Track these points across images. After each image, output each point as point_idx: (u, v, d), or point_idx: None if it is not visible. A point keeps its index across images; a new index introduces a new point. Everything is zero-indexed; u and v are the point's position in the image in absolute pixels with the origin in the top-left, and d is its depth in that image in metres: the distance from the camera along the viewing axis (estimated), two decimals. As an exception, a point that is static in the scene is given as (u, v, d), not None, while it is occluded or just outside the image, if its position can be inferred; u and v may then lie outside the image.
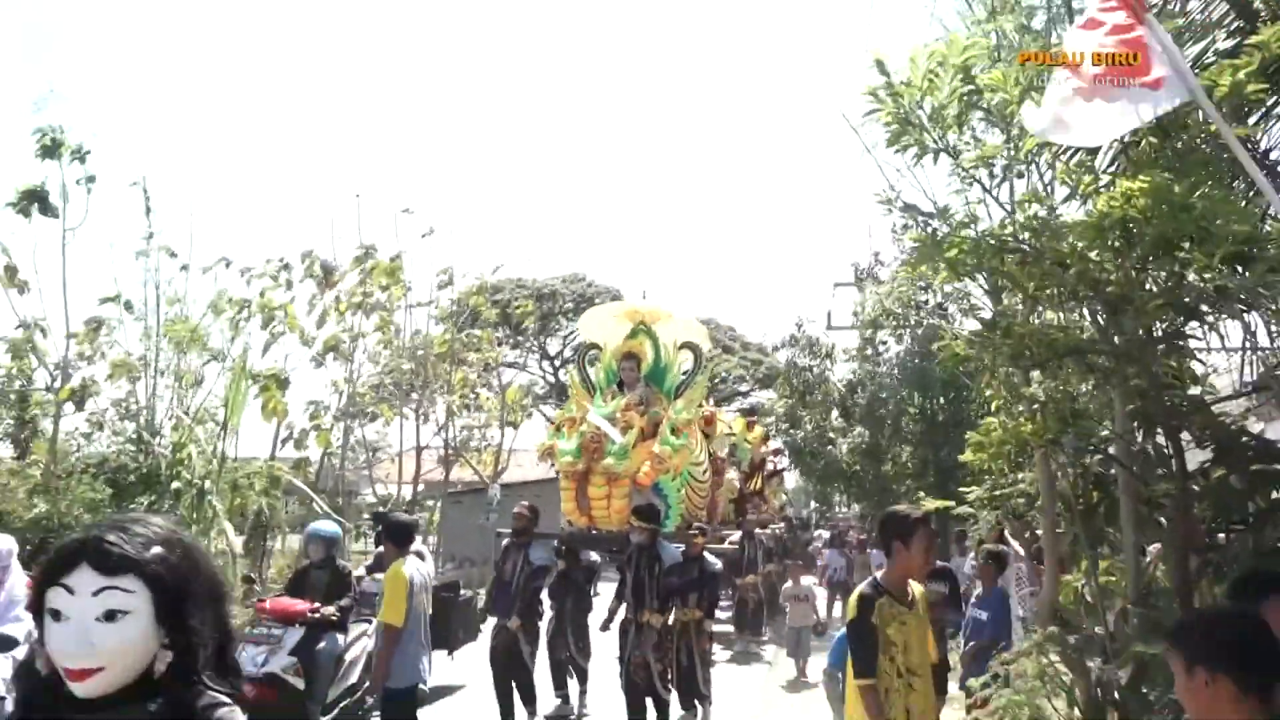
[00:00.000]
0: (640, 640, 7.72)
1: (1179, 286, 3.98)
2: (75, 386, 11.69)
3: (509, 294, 29.71)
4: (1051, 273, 4.28)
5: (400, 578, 5.94)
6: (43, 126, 10.71)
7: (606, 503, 8.39)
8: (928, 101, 4.43)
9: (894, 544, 3.98)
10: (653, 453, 8.48)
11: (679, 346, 9.75)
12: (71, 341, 11.60)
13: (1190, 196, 3.47)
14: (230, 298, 14.18)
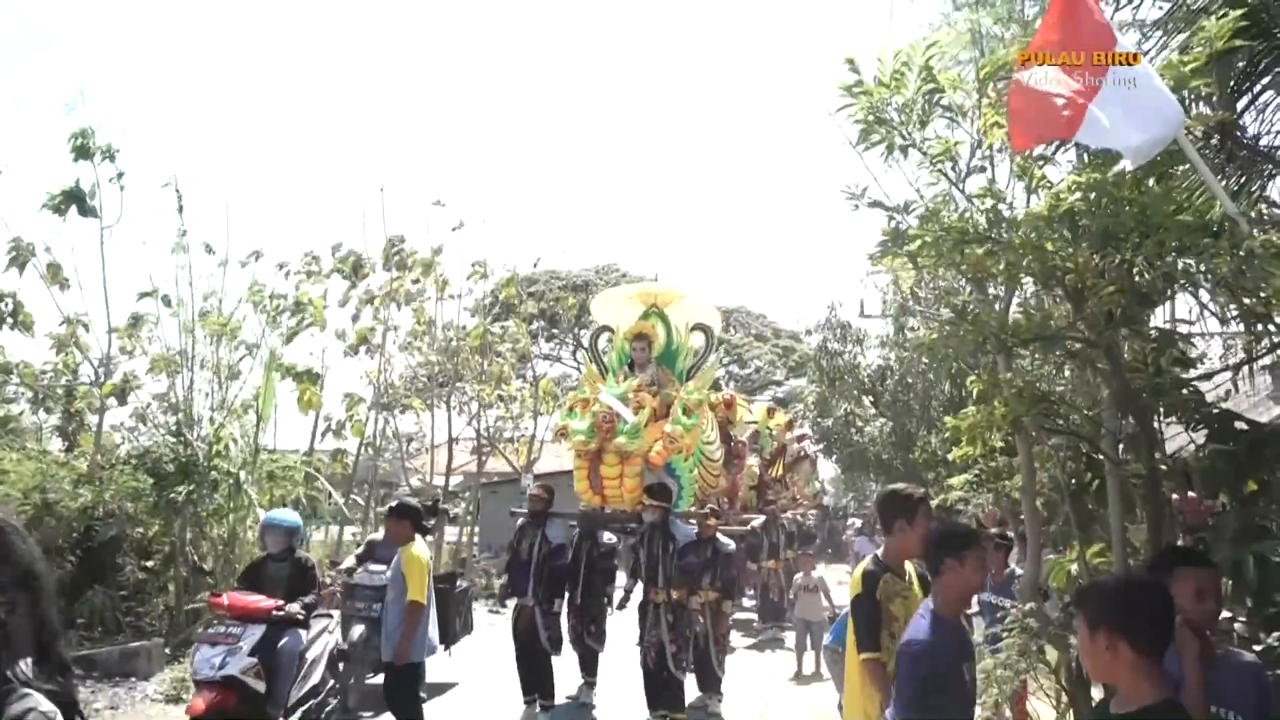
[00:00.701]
0: (655, 621, 7.89)
1: (1129, 274, 4.19)
2: (117, 381, 12.28)
3: (544, 285, 30.13)
4: (1015, 262, 4.50)
5: (420, 558, 6.37)
6: (76, 130, 11.25)
7: (619, 482, 8.49)
8: (895, 99, 4.69)
9: (896, 522, 4.13)
10: (665, 432, 8.60)
11: (690, 328, 9.82)
12: (113, 336, 12.17)
13: (1130, 191, 3.69)
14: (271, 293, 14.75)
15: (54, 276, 11.58)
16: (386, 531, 8.53)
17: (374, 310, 16.94)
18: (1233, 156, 5.25)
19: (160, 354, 12.48)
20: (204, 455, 10.98)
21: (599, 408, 8.48)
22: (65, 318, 11.97)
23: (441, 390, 18.60)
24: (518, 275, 20.06)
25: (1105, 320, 4.45)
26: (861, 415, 20.81)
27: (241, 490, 11.01)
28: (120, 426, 13.38)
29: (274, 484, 12.77)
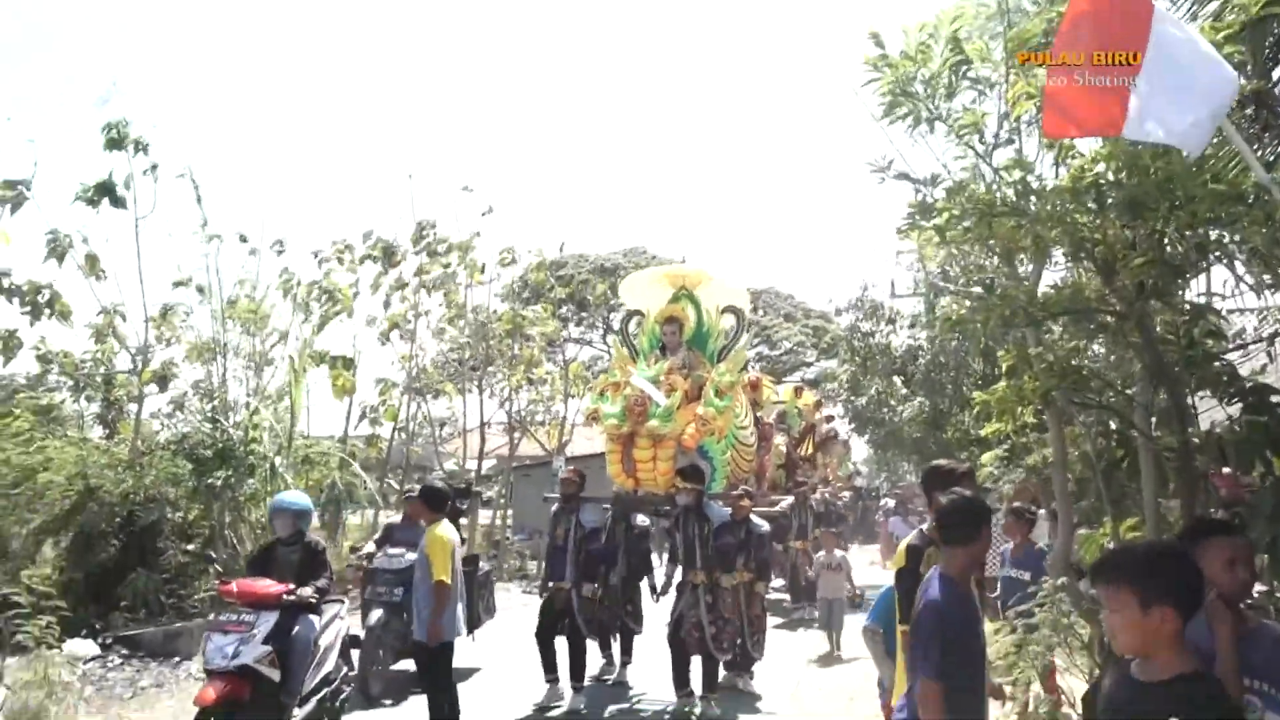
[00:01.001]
0: (694, 601, 7.94)
1: (1160, 245, 4.16)
2: (156, 369, 12.53)
3: (572, 269, 30.19)
4: (1044, 235, 4.48)
5: (444, 539, 6.47)
6: (109, 122, 11.44)
7: (652, 465, 8.43)
8: (921, 72, 4.67)
9: (936, 496, 4.21)
10: (697, 415, 8.56)
11: (721, 310, 9.75)
12: (149, 325, 12.39)
13: (1154, 161, 3.66)
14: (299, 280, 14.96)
15: (91, 267, 11.80)
16: (404, 515, 8.57)
17: (403, 296, 17.10)
18: (1268, 126, 5.17)
19: (195, 342, 12.72)
20: (240, 441, 11.17)
21: (631, 391, 8.45)
22: (103, 308, 12.21)
23: (473, 374, 18.76)
24: (546, 260, 20.15)
25: (1136, 292, 4.42)
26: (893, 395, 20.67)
27: (277, 475, 11.20)
28: (158, 414, 13.68)
29: (310, 468, 12.99)
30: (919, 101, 4.76)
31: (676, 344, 9.45)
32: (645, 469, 8.53)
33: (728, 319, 9.81)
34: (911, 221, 4.65)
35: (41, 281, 11.40)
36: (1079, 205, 4.08)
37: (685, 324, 9.56)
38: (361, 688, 7.93)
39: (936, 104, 4.78)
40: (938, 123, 4.84)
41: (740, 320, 9.88)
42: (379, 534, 9.09)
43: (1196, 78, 3.55)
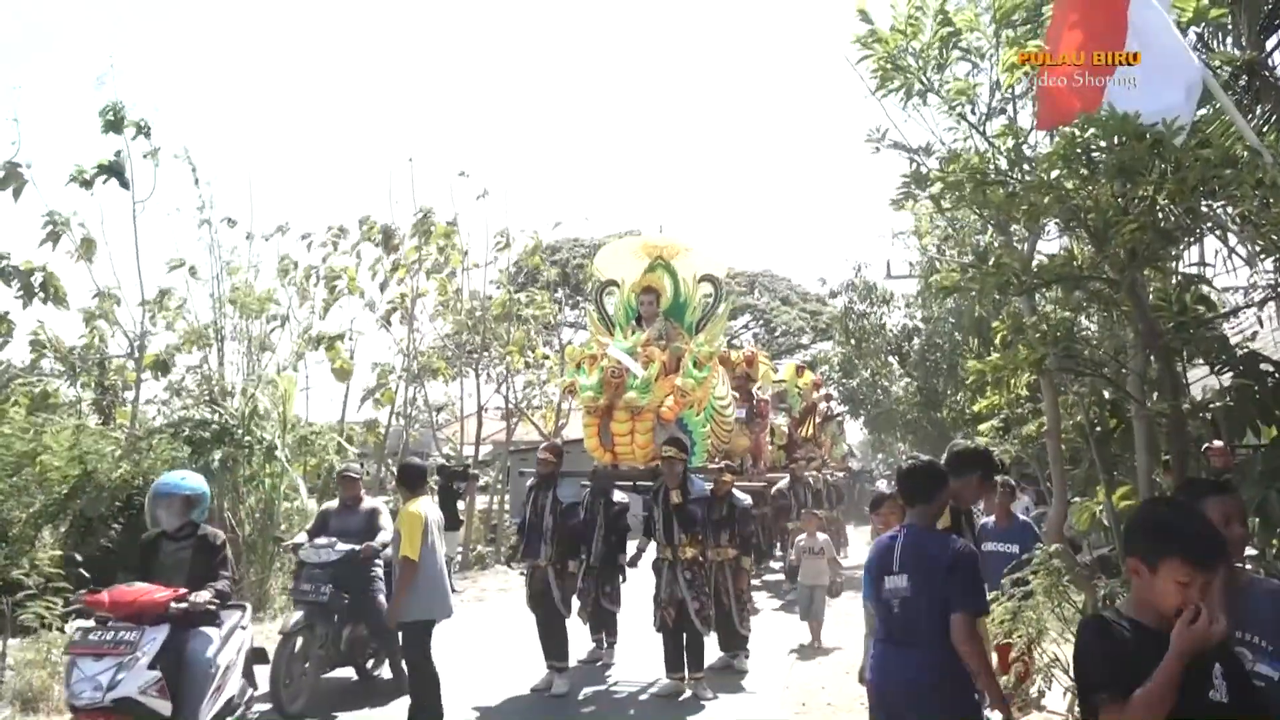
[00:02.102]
0: (672, 578, 7.74)
1: (1151, 211, 4.20)
2: (158, 354, 12.55)
3: (567, 253, 30.18)
4: (1037, 203, 4.52)
5: (415, 515, 6.33)
6: (107, 104, 11.43)
7: (630, 438, 8.23)
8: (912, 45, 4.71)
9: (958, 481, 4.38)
10: (675, 386, 8.35)
11: (698, 279, 9.51)
12: (145, 310, 12.40)
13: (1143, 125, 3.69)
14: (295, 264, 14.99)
15: (87, 250, 11.79)
16: (341, 499, 7.80)
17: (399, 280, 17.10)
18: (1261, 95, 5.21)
19: (193, 327, 12.73)
20: (238, 422, 11.21)
21: (607, 363, 8.27)
22: (98, 290, 12.20)
23: (470, 358, 18.79)
24: (541, 243, 20.13)
25: (1128, 259, 4.46)
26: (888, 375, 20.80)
27: (275, 456, 11.24)
28: (154, 399, 13.70)
29: (307, 451, 13.01)
30: (911, 74, 4.80)
31: (653, 315, 9.22)
32: (623, 442, 8.36)
33: (705, 288, 9.58)
34: (906, 191, 4.69)
35: (36, 264, 11.37)
36: (1070, 171, 4.12)
37: (662, 294, 9.32)
38: (276, 706, 6.76)
39: (928, 76, 4.82)
40: (930, 94, 4.89)
41: (718, 289, 9.64)
42: (312, 522, 8.06)
43: (1174, 57, 3.66)
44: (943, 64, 4.65)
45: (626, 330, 8.95)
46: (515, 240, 19.11)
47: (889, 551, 3.90)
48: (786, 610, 12.21)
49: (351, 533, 7.53)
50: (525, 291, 19.87)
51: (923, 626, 3.73)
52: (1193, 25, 4.14)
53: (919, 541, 3.86)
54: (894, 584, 3.80)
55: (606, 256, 10.45)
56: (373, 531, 7.55)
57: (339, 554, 7.34)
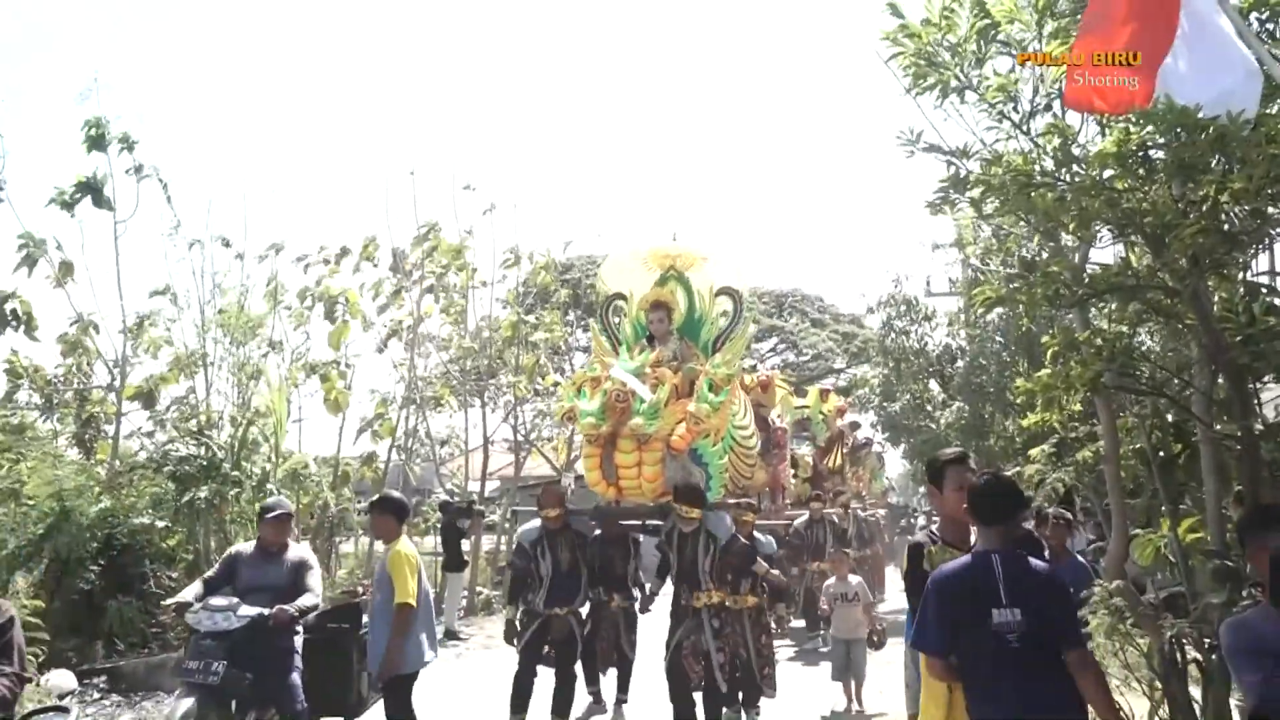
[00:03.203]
0: (696, 625, 7.54)
1: (1214, 213, 4.16)
2: (141, 384, 12.64)
3: (579, 271, 30.27)
4: (1088, 207, 4.49)
5: (409, 555, 6.15)
6: (90, 118, 11.59)
7: (636, 471, 7.77)
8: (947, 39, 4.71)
9: (930, 489, 4.34)
10: (688, 412, 7.88)
11: (715, 293, 9.08)
12: (127, 336, 12.49)
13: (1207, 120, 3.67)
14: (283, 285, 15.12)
15: (64, 275, 11.92)
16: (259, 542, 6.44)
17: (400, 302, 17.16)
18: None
19: (179, 354, 12.83)
20: (226, 455, 11.26)
21: (611, 385, 7.83)
22: (77, 317, 12.31)
23: (476, 385, 18.79)
24: (553, 261, 20.17)
25: (1189, 266, 4.42)
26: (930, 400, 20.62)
27: (266, 491, 11.28)
28: (138, 432, 13.78)
29: (300, 487, 13.06)
30: (946, 70, 4.79)
31: (665, 332, 8.86)
32: (629, 475, 7.88)
33: (723, 303, 9.17)
34: (944, 196, 4.67)
35: (7, 290, 11.48)
36: (1124, 171, 4.10)
37: (675, 310, 8.97)
38: None
39: (965, 72, 4.81)
40: (968, 92, 4.88)
41: (738, 304, 9.21)
42: (214, 570, 6.52)
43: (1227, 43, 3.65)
44: (981, 59, 4.64)
45: (635, 350, 8.62)
46: (524, 258, 19.15)
47: (987, 581, 3.77)
48: (802, 660, 11.75)
49: (268, 588, 6.14)
50: (535, 313, 19.89)
51: (1045, 659, 3.70)
52: (1254, 11, 4.11)
53: (1022, 569, 3.77)
54: (1006, 618, 3.69)
55: (613, 267, 9.96)
56: (297, 589, 6.16)
57: (241, 620, 5.85)
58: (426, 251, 17.27)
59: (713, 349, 8.87)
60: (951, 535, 4.26)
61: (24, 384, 12.51)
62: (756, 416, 12.18)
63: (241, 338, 13.06)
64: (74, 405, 12.81)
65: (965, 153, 4.62)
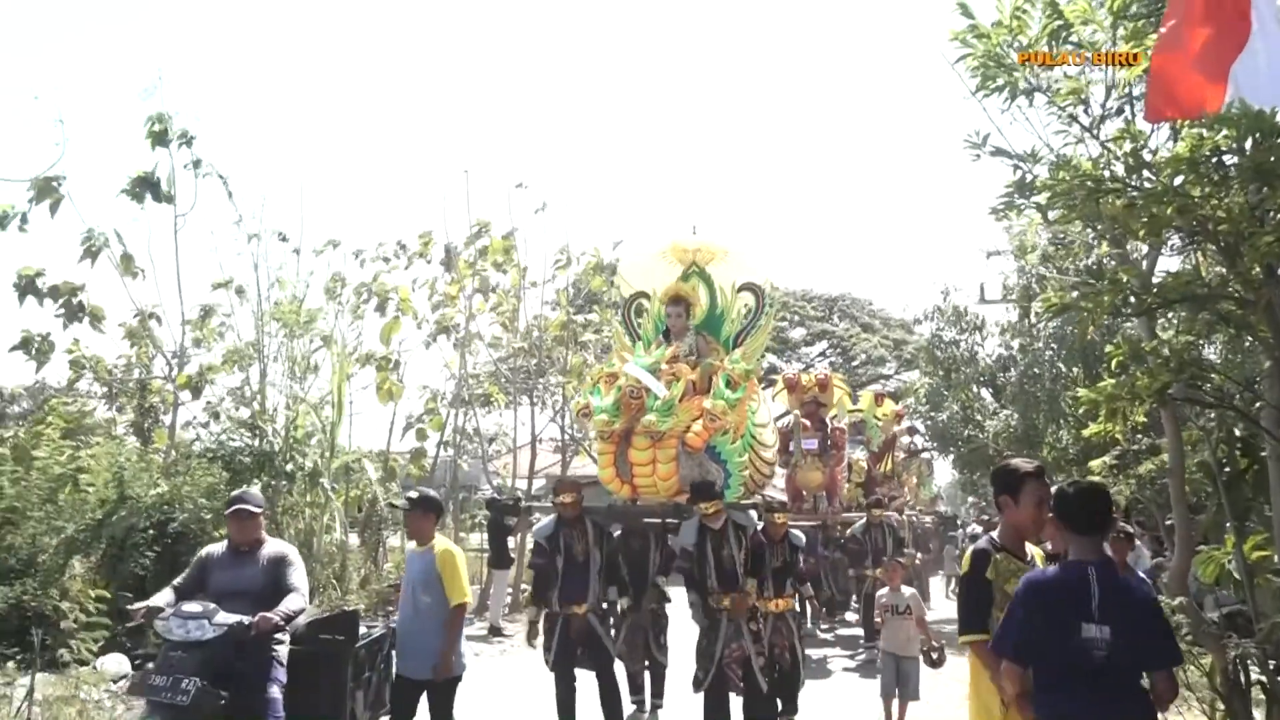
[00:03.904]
0: (735, 631, 7.31)
1: (1292, 221, 4.06)
2: (192, 374, 12.87)
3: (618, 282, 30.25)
4: (1159, 214, 4.39)
5: (457, 553, 6.03)
6: (152, 114, 11.82)
7: (651, 468, 7.65)
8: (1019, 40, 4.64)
9: (1002, 499, 4.19)
10: (704, 409, 7.73)
11: (737, 289, 8.96)
12: (187, 328, 12.74)
13: None
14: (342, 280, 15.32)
15: (126, 267, 12.17)
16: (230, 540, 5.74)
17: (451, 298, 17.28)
18: None
19: (234, 346, 13.05)
20: (280, 448, 11.42)
21: (625, 381, 7.73)
22: (138, 310, 12.57)
23: (525, 383, 18.88)
24: (602, 261, 20.19)
25: (1264, 275, 4.32)
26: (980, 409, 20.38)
27: (319, 485, 11.41)
28: (194, 422, 14.05)
29: (349, 482, 13.21)
30: (1016, 71, 4.72)
31: (683, 328, 8.73)
32: (643, 473, 7.77)
33: (745, 298, 9.04)
34: (1009, 201, 4.60)
35: (76, 282, 11.77)
36: (1197, 177, 4.01)
37: (694, 305, 8.86)
38: None
39: (1035, 74, 4.73)
40: (1037, 94, 4.81)
41: (760, 300, 9.05)
42: (185, 575, 5.77)
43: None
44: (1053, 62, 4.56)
45: (653, 345, 8.49)
46: (575, 259, 19.18)
47: (1080, 594, 3.69)
48: (863, 673, 11.27)
49: (243, 593, 5.45)
50: (583, 314, 19.93)
51: (1125, 679, 3.61)
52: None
53: (1117, 584, 3.66)
54: (1095, 633, 3.59)
55: (633, 264, 9.85)
56: (277, 591, 5.48)
57: (218, 629, 5.18)
58: (479, 250, 17.37)
59: (733, 345, 8.73)
60: (1013, 545, 4.17)
61: (86, 374, 12.79)
62: (813, 417, 12.03)
63: (299, 330, 13.24)
64: (134, 394, 13.07)
65: (1034, 156, 4.54)
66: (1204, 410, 5.30)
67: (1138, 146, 4.30)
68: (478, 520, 19.35)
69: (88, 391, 14.24)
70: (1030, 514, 4.12)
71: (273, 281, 13.33)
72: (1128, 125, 4.46)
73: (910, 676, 8.18)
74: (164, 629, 5.26)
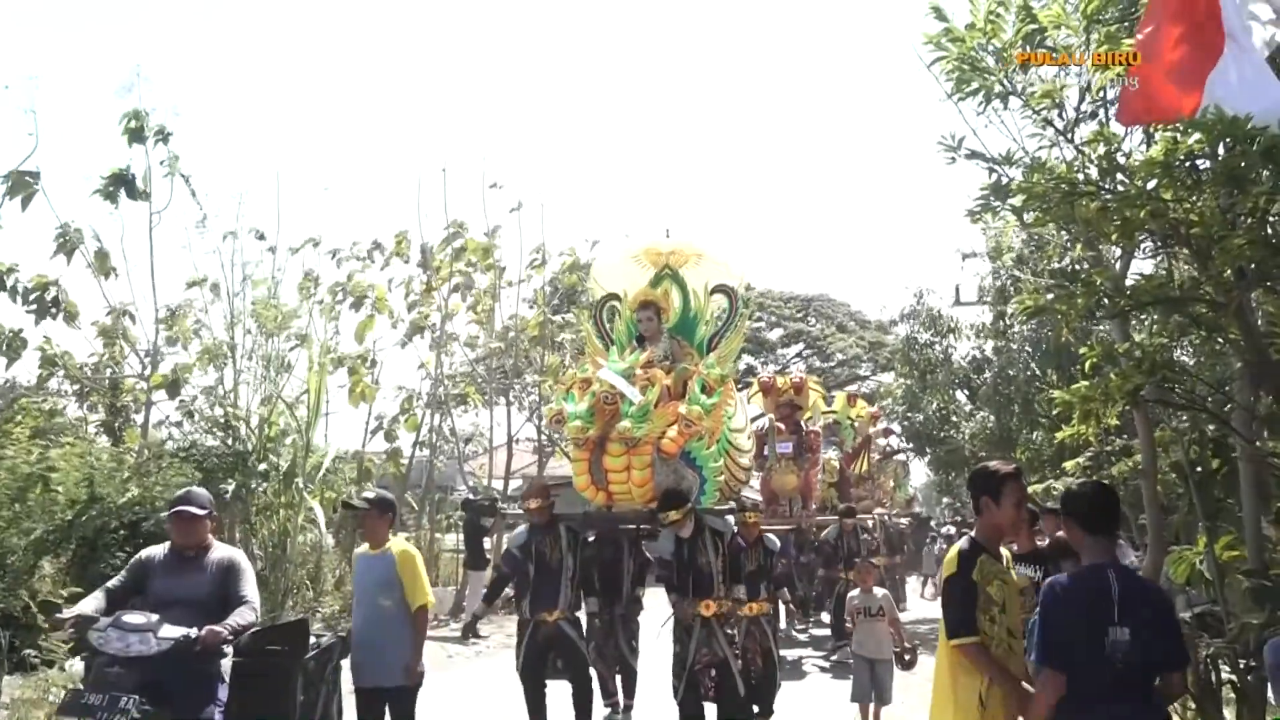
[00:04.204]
0: (707, 636, 7.23)
1: (1263, 225, 4.10)
2: (166, 374, 12.74)
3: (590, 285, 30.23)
4: (1132, 218, 4.43)
5: (415, 554, 5.81)
6: (129, 110, 11.71)
7: (626, 475, 7.53)
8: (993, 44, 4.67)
9: (982, 500, 4.16)
10: (679, 414, 7.63)
11: (710, 291, 8.90)
12: (160, 327, 12.62)
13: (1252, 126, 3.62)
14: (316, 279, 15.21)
15: (101, 265, 12.05)
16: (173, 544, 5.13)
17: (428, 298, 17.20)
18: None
19: (208, 345, 12.92)
20: (253, 448, 11.33)
21: (599, 387, 7.65)
22: (111, 308, 12.44)
23: (501, 382, 18.83)
24: (579, 261, 20.14)
25: (1235, 278, 4.36)
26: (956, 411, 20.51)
27: (293, 485, 11.34)
28: (165, 421, 13.90)
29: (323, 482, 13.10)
30: (990, 75, 4.75)
31: (656, 332, 8.64)
32: (618, 480, 7.65)
33: (719, 300, 8.99)
34: (985, 204, 4.62)
35: (49, 278, 11.63)
36: (1170, 181, 4.04)
37: (666, 310, 8.80)
38: None
39: (1010, 78, 4.77)
40: (1012, 97, 4.84)
41: (734, 302, 8.99)
42: (120, 578, 5.11)
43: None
44: (1027, 64, 4.59)
45: (627, 351, 8.42)
46: (551, 258, 19.13)
47: (1104, 598, 3.68)
48: (835, 674, 11.14)
49: (187, 602, 4.86)
50: (561, 314, 19.90)
51: (1140, 679, 3.62)
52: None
53: (1135, 586, 3.66)
54: (1118, 636, 3.61)
55: (605, 267, 9.71)
56: (225, 602, 4.94)
57: (163, 644, 4.56)
58: (455, 251, 17.30)
59: (707, 348, 8.69)
60: (993, 546, 4.18)
61: (57, 371, 12.65)
62: (788, 420, 12.00)
63: (273, 328, 13.14)
64: (106, 393, 12.93)
65: (1008, 159, 4.57)
66: (1176, 411, 5.37)
67: (1111, 150, 4.33)
68: (453, 521, 19.26)
69: (58, 390, 14.08)
70: (1010, 515, 4.12)
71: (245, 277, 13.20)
72: (1102, 129, 4.50)
73: (884, 680, 8.00)
74: (100, 641, 4.55)
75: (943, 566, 4.28)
